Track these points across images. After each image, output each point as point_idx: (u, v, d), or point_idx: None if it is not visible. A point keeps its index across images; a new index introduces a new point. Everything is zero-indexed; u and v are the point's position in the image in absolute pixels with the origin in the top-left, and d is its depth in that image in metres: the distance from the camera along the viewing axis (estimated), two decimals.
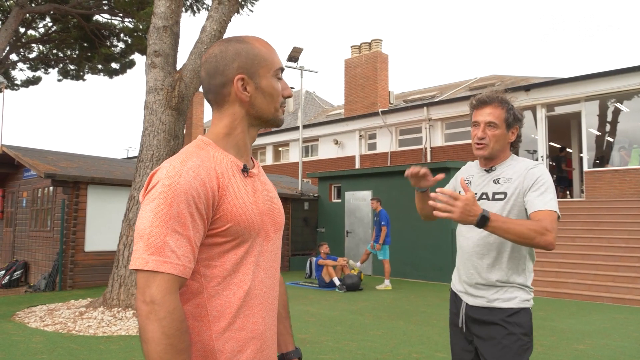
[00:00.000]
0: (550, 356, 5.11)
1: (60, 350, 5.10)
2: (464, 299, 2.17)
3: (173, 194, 1.08)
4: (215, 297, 1.15)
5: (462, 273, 2.17)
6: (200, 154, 1.18)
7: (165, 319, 1.03)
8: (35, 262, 10.73)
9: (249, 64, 1.25)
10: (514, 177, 2.08)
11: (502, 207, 2.05)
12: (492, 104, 2.13)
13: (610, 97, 13.54)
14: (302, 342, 5.58)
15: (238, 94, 1.24)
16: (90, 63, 16.81)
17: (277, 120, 1.32)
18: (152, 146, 7.01)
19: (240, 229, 1.17)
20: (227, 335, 1.16)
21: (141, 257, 1.06)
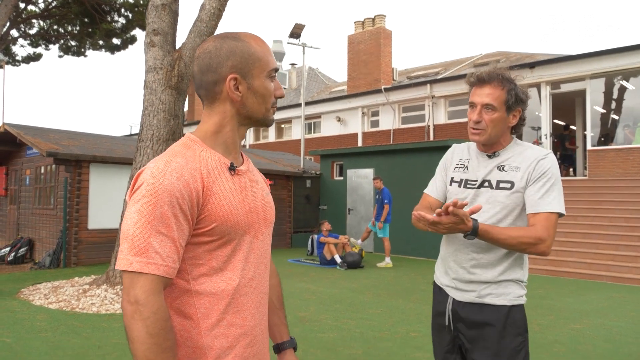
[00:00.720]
0: (546, 335, 5.17)
1: (64, 328, 5.20)
2: (450, 294, 1.98)
3: (157, 196, 1.09)
4: (203, 294, 1.17)
5: (453, 266, 1.96)
6: (186, 154, 1.18)
7: (149, 319, 1.05)
8: (39, 239, 10.86)
9: (242, 64, 1.23)
10: (522, 165, 1.89)
11: (507, 197, 1.86)
12: (492, 83, 1.89)
13: (616, 74, 13.38)
14: (301, 320, 5.67)
15: (230, 93, 1.24)
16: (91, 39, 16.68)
17: (267, 121, 1.32)
18: (152, 126, 7.00)
19: (226, 228, 1.18)
20: (216, 332, 1.18)
21: (126, 258, 1.07)
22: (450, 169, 2.08)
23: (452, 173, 2.05)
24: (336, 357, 4.41)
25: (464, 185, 1.97)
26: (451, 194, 2.01)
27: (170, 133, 7.07)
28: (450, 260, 1.99)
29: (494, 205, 1.88)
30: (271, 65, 1.28)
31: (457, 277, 1.95)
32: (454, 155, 2.10)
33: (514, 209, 1.87)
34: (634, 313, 6.25)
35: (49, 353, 4.39)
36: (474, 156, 2.02)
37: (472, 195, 1.93)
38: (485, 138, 1.92)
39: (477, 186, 1.93)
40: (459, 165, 2.05)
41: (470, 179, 1.97)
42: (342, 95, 19.91)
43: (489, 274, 1.89)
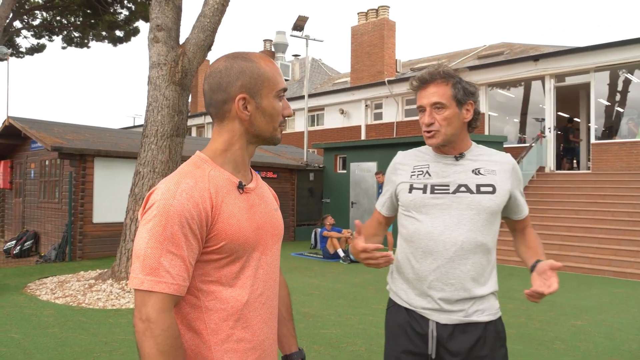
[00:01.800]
0: (547, 332, 5.22)
1: (70, 324, 5.28)
2: (432, 318, 1.75)
3: (167, 216, 1.13)
4: (213, 310, 1.21)
5: (437, 285, 1.74)
6: (195, 174, 1.22)
7: (160, 336, 1.09)
8: (45, 233, 10.94)
9: (252, 84, 1.27)
10: (497, 169, 1.82)
11: (490, 200, 1.77)
12: (435, 82, 1.80)
13: (621, 67, 13.31)
14: (304, 316, 5.72)
15: (238, 112, 1.27)
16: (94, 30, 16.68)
17: (275, 139, 1.35)
18: (156, 122, 7.03)
19: (234, 246, 1.22)
20: (226, 347, 1.22)
21: (137, 277, 1.11)
22: (404, 176, 1.88)
23: (410, 180, 1.85)
24: (339, 353, 4.47)
25: (432, 191, 1.79)
26: (415, 202, 1.80)
27: (174, 129, 7.11)
28: (431, 279, 1.75)
29: (479, 211, 1.76)
30: (280, 86, 1.31)
31: (444, 296, 1.73)
32: (404, 162, 1.92)
33: (496, 212, 1.79)
34: (636, 309, 6.28)
35: (57, 349, 4.46)
36: (433, 160, 1.86)
37: (447, 201, 1.77)
38: (442, 139, 1.79)
39: (452, 191, 1.78)
40: (417, 171, 1.86)
41: (438, 184, 1.80)
42: (346, 88, 19.86)
43: (481, 289, 1.76)
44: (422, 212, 1.79)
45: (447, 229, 1.74)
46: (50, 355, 4.31)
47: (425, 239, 1.76)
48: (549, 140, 14.05)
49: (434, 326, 1.75)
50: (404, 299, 1.83)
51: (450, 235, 1.73)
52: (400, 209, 1.91)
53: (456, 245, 1.73)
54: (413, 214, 1.81)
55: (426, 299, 1.76)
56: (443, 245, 1.73)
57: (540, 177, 13.29)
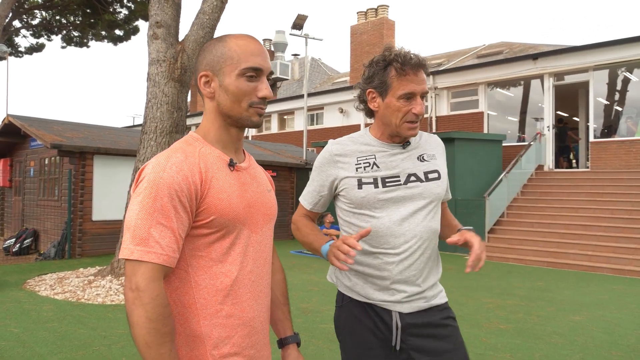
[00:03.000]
0: (545, 327, 5.22)
1: (70, 319, 5.28)
2: (395, 309, 1.69)
3: (157, 189, 1.15)
4: (202, 285, 1.23)
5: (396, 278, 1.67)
6: (186, 150, 1.25)
7: (149, 304, 1.10)
8: (44, 231, 10.94)
9: (214, 62, 1.29)
10: (436, 153, 1.78)
11: (438, 186, 1.73)
12: (424, 67, 1.67)
13: (620, 66, 13.32)
14: (304, 311, 5.73)
15: (201, 89, 1.31)
16: (93, 30, 16.68)
17: (246, 121, 1.30)
18: (155, 118, 7.04)
19: (224, 220, 1.23)
20: (215, 322, 1.23)
21: (127, 248, 1.13)
22: (348, 170, 1.73)
23: (357, 174, 1.71)
24: (337, 347, 4.46)
25: (383, 184, 1.68)
26: (368, 199, 1.69)
27: (173, 125, 7.12)
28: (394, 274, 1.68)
29: (430, 198, 1.71)
30: (245, 64, 1.26)
31: (408, 288, 1.69)
32: (345, 153, 1.76)
33: (441, 197, 1.76)
34: (634, 305, 6.29)
35: (56, 343, 4.47)
36: (379, 150, 1.73)
37: (401, 193, 1.69)
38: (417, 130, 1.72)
39: (403, 182, 1.69)
40: (362, 163, 1.72)
41: (388, 176, 1.70)
42: (345, 87, 19.87)
43: (433, 276, 1.76)
44: (377, 208, 1.69)
45: (405, 222, 1.67)
46: (49, 349, 4.32)
47: (385, 234, 1.67)
48: (547, 139, 14.06)
49: (397, 317, 1.69)
50: (362, 294, 1.72)
51: (409, 227, 1.67)
52: (346, 205, 1.76)
53: (416, 237, 1.67)
54: (366, 211, 1.70)
55: (388, 292, 1.69)
56: (404, 238, 1.66)
57: (539, 176, 13.30)
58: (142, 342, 1.10)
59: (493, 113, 16.17)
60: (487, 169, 12.73)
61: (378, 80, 1.68)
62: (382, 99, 1.70)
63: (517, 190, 12.48)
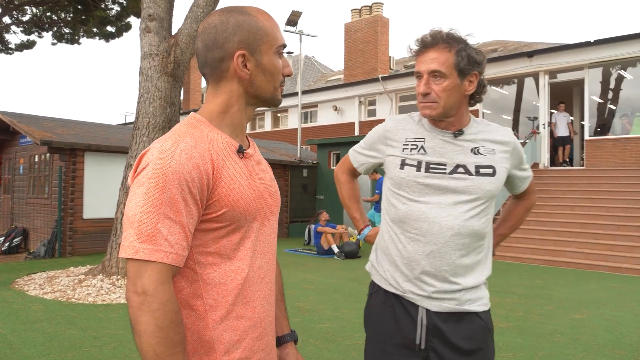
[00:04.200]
0: (546, 325, 5.14)
1: (59, 319, 5.13)
2: (422, 305, 1.62)
3: (165, 178, 1.01)
4: (212, 285, 1.10)
5: (425, 269, 1.61)
6: (194, 134, 1.10)
7: (159, 311, 0.98)
8: (34, 229, 10.75)
9: (251, 39, 1.15)
10: (496, 148, 1.67)
11: (490, 183, 1.63)
12: (437, 46, 1.58)
13: (615, 64, 13.31)
14: (300, 310, 5.62)
15: (238, 70, 1.16)
16: (85, 26, 16.46)
17: (275, 100, 1.24)
18: (148, 113, 6.89)
19: (236, 213, 1.11)
20: (225, 325, 1.11)
21: (131, 245, 1.00)
22: (395, 149, 1.71)
23: (402, 154, 1.68)
24: (336, 347, 4.36)
25: (426, 169, 1.63)
26: (407, 180, 1.64)
27: (166, 121, 6.97)
28: (423, 264, 1.61)
29: (477, 195, 1.62)
30: (280, 41, 1.20)
31: (436, 283, 1.61)
32: (396, 132, 1.73)
33: (494, 196, 1.66)
34: (634, 303, 6.23)
35: (45, 344, 4.32)
36: (430, 135, 1.67)
37: (443, 182, 1.62)
38: (439, 112, 1.60)
39: (449, 172, 1.62)
40: (410, 145, 1.68)
41: (434, 162, 1.63)
42: (339, 84, 19.77)
43: (474, 277, 1.64)
44: (416, 192, 1.63)
45: (442, 212, 1.59)
46: (38, 350, 4.17)
47: (418, 220, 1.61)
48: (543, 137, 14.03)
49: (423, 313, 1.61)
50: (392, 283, 1.68)
51: (446, 219, 1.59)
52: (389, 184, 1.73)
53: (452, 230, 1.58)
54: (404, 193, 1.65)
55: (416, 284, 1.62)
56: (438, 228, 1.59)
57: (534, 174, 13.19)
58: (152, 353, 0.97)
59: (487, 111, 16.13)
60: None
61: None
62: None
63: None
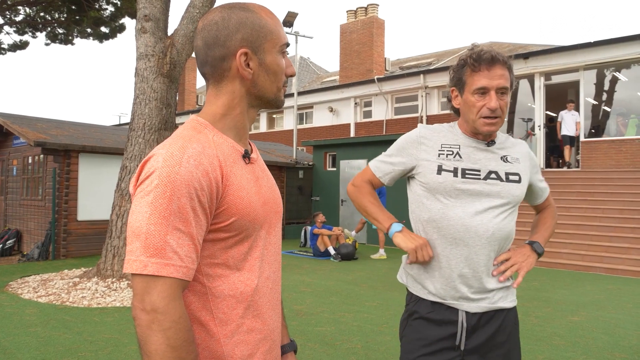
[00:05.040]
0: (545, 328, 5.12)
1: (54, 323, 5.06)
2: (462, 308, 1.69)
3: (173, 187, 0.96)
4: (220, 298, 1.05)
5: (463, 272, 1.67)
6: (200, 139, 1.05)
7: (171, 329, 0.92)
8: (27, 231, 10.65)
9: (254, 37, 1.10)
10: (520, 157, 1.79)
11: (517, 188, 1.73)
12: (501, 63, 1.67)
13: (609, 65, 13.35)
14: (298, 313, 5.57)
15: (240, 70, 1.10)
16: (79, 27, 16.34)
17: (279, 101, 1.19)
18: (143, 115, 6.83)
19: (244, 222, 1.06)
20: (236, 339, 1.06)
21: (139, 260, 0.94)
22: (430, 154, 1.76)
23: (438, 160, 1.74)
24: (335, 351, 4.32)
25: (462, 175, 1.70)
26: (445, 185, 1.70)
27: (162, 122, 6.91)
28: (461, 267, 1.68)
29: (508, 199, 1.71)
30: (283, 40, 1.15)
31: (474, 285, 1.68)
32: (431, 138, 1.79)
33: (519, 201, 1.77)
34: (631, 305, 6.23)
35: (39, 349, 4.26)
36: (465, 143, 1.76)
37: (478, 187, 1.69)
38: (500, 127, 1.71)
39: (483, 177, 1.70)
40: (446, 151, 1.75)
41: (469, 168, 1.71)
42: (335, 86, 19.75)
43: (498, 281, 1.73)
44: (452, 197, 1.69)
45: (478, 216, 1.67)
46: (32, 355, 4.11)
47: (456, 224, 1.67)
48: (538, 138, 14.05)
49: (463, 316, 1.69)
50: (430, 290, 1.73)
51: (482, 222, 1.66)
52: (421, 188, 1.77)
53: (488, 233, 1.66)
54: (440, 198, 1.71)
55: (454, 288, 1.68)
56: (475, 232, 1.65)
57: None
58: None
59: None
60: None
61: (457, 78, 1.75)
62: (461, 96, 1.76)
63: None
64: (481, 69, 1.67)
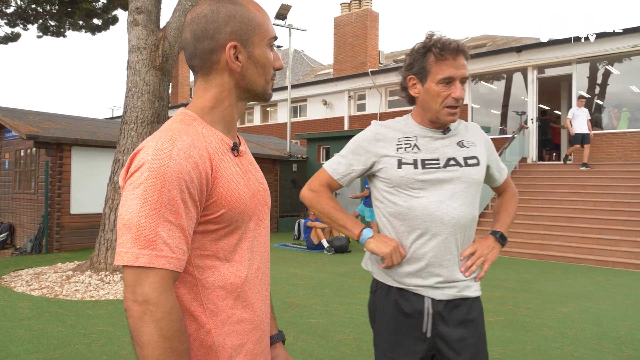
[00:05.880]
0: (534, 319, 5.19)
1: (47, 316, 5.08)
2: (427, 295, 1.70)
3: (163, 179, 0.97)
4: (211, 289, 1.07)
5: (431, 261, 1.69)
6: (189, 131, 1.06)
7: (163, 320, 0.94)
8: (20, 225, 10.63)
9: (243, 30, 1.12)
10: (475, 140, 1.80)
11: (477, 172, 1.75)
12: (464, 52, 1.69)
13: (602, 59, 13.41)
14: (290, 305, 5.61)
15: (229, 63, 1.12)
16: (71, 19, 16.21)
17: (266, 94, 1.21)
18: (136, 108, 6.82)
19: (234, 214, 1.08)
20: (227, 329, 1.09)
21: (130, 252, 0.95)
22: (388, 149, 1.76)
23: (397, 154, 1.74)
24: (327, 343, 4.36)
25: (423, 166, 1.71)
26: (407, 178, 1.71)
27: (155, 115, 6.90)
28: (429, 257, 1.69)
29: (469, 183, 1.73)
30: (271, 33, 1.17)
31: (442, 273, 1.70)
32: (386, 133, 1.78)
33: (481, 184, 1.79)
34: (620, 296, 6.31)
35: (33, 342, 4.27)
36: (420, 133, 1.76)
37: (439, 175, 1.71)
38: (459, 116, 1.74)
39: (442, 165, 1.72)
40: (404, 144, 1.75)
41: (428, 158, 1.72)
42: (329, 79, 19.72)
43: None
44: (415, 188, 1.70)
45: (442, 204, 1.68)
46: (25, 348, 4.12)
47: (421, 215, 1.68)
48: (531, 132, 14.11)
49: (429, 303, 1.70)
50: (395, 279, 1.74)
51: (447, 210, 1.68)
52: (384, 184, 1.78)
53: (453, 220, 1.68)
54: (403, 191, 1.72)
55: (422, 276, 1.70)
56: (441, 221, 1.67)
57: (522, 168, 13.35)
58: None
59: (476, 106, 16.19)
60: None
61: (418, 67, 1.72)
62: (422, 85, 1.73)
63: None
64: (447, 58, 1.67)
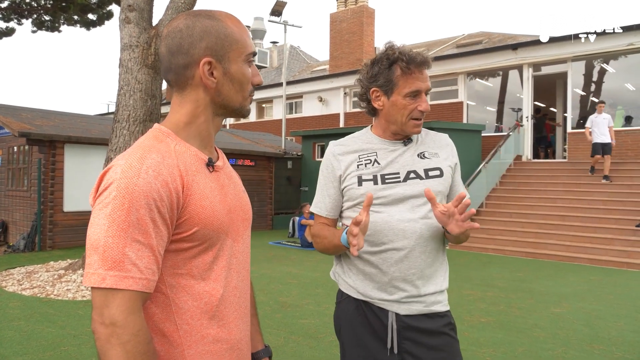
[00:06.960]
0: (527, 319, 5.19)
1: (38, 316, 5.05)
2: (392, 309, 1.67)
3: (131, 198, 0.95)
4: (184, 309, 1.05)
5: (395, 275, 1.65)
6: (160, 148, 1.04)
7: (130, 343, 0.92)
8: (13, 222, 10.58)
9: (218, 46, 1.10)
10: (439, 151, 1.76)
11: (440, 184, 1.70)
12: (428, 65, 1.69)
13: (597, 57, 13.41)
14: (283, 305, 5.60)
15: (203, 79, 1.10)
16: (65, 13, 16.09)
17: (244, 111, 1.18)
18: (128, 106, 6.77)
19: (208, 232, 1.06)
20: (201, 350, 1.06)
21: (97, 273, 0.93)
22: (350, 167, 1.73)
23: (357, 171, 1.71)
24: (318, 344, 4.36)
25: (382, 181, 1.68)
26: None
27: (147, 114, 6.86)
28: (392, 271, 1.66)
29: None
30: (249, 49, 1.14)
31: (406, 288, 1.66)
32: (345, 152, 1.76)
33: (444, 195, 1.74)
34: (612, 296, 6.33)
35: (22, 343, 4.25)
36: (380, 147, 1.74)
37: (400, 190, 1.67)
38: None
39: (402, 179, 1.68)
40: (364, 160, 1.72)
41: (388, 173, 1.70)
42: (324, 75, 19.68)
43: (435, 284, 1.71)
44: (376, 204, 1.66)
45: (404, 219, 1.65)
46: (14, 350, 4.10)
47: (383, 229, 1.65)
48: (526, 129, 14.12)
49: (393, 318, 1.67)
50: (361, 292, 1.71)
51: (409, 224, 1.65)
52: (347, 203, 1.76)
53: (416, 234, 1.65)
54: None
55: (387, 291, 1.67)
56: (403, 235, 1.64)
57: (517, 166, 13.36)
58: None
59: (472, 103, 16.18)
60: (466, 159, 12.71)
61: (383, 79, 1.69)
62: (387, 98, 1.70)
63: (496, 180, 12.52)
64: (414, 71, 1.65)
